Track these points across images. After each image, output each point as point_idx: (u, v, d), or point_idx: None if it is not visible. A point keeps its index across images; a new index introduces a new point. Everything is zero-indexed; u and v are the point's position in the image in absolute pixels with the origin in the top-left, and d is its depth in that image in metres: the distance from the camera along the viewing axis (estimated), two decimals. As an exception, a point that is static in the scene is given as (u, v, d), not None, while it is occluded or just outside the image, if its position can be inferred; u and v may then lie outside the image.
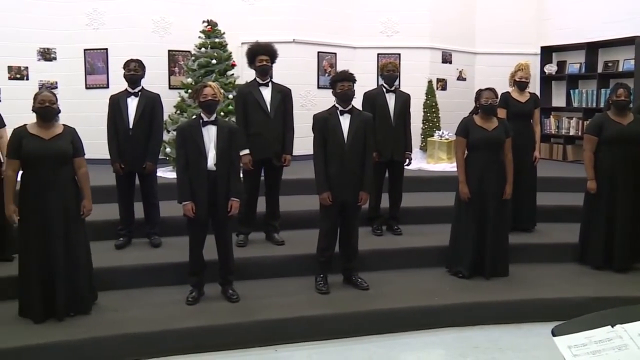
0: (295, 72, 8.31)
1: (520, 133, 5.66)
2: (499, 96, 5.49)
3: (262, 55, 5.32)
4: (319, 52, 8.68)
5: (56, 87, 7.85)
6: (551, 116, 9.27)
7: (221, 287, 4.66)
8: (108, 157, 5.33)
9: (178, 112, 7.37)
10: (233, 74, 7.46)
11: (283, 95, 5.39)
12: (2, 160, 4.86)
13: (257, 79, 5.38)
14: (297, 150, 7.97)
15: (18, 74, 7.82)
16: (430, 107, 8.65)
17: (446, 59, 9.28)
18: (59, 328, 4.08)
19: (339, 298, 4.69)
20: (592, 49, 8.76)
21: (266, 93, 5.34)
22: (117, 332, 4.07)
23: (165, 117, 5.88)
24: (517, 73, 5.95)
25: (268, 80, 5.38)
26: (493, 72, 8.85)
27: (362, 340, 4.39)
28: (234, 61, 7.49)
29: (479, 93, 5.16)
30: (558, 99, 9.40)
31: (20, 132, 4.11)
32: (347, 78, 4.67)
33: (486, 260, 5.06)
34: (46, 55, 8.01)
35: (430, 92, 8.68)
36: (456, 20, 9.34)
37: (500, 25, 9.51)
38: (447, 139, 8.16)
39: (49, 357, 3.87)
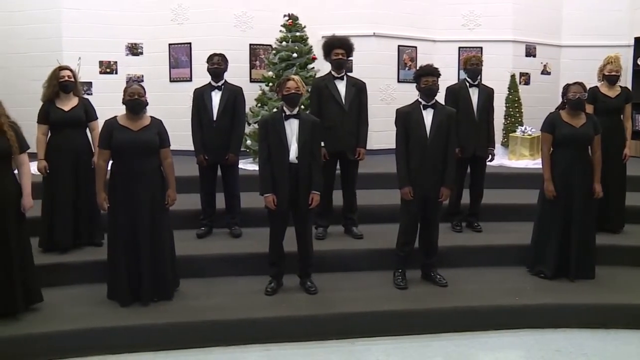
0: (375, 65, 8.30)
1: (610, 129, 5.42)
2: (587, 91, 5.28)
3: (338, 48, 5.33)
4: (399, 46, 8.59)
5: (142, 81, 8.11)
6: (644, 112, 8.83)
7: (300, 278, 4.71)
8: (192, 148, 5.47)
9: (259, 105, 7.48)
10: (313, 67, 7.50)
11: (358, 89, 5.38)
12: (94, 151, 5.09)
13: (333, 72, 5.39)
14: (377, 144, 8.02)
15: (108, 68, 8.16)
16: (513, 102, 8.42)
17: (530, 52, 8.99)
18: (142, 312, 4.26)
19: (417, 294, 4.66)
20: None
21: (341, 86, 5.34)
22: (197, 319, 4.20)
23: (247, 110, 5.97)
24: (606, 67, 5.70)
25: (343, 73, 5.38)
26: (580, 66, 8.50)
27: (440, 338, 4.34)
28: (314, 55, 7.51)
29: (567, 87, 4.96)
30: (652, 94, 8.93)
31: (111, 124, 4.29)
32: (432, 73, 4.61)
33: (571, 261, 4.88)
34: (134, 50, 8.30)
35: (512, 87, 8.45)
36: (541, 11, 9.01)
37: (588, 16, 9.10)
38: (529, 135, 7.92)
39: (132, 339, 4.06)
